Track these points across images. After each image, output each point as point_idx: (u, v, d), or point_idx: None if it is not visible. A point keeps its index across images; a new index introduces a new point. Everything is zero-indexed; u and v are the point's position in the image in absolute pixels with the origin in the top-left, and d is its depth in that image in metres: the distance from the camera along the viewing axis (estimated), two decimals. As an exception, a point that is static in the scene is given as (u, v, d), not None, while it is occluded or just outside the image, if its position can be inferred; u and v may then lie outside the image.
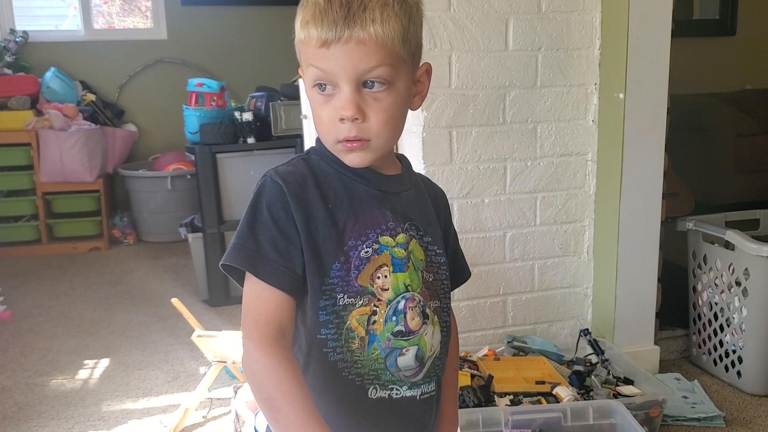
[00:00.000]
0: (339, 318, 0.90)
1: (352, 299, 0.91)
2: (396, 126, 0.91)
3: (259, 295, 0.88)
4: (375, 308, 0.92)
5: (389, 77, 0.87)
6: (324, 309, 0.90)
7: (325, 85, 0.88)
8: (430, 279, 0.98)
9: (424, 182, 1.06)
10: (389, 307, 0.92)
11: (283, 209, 0.88)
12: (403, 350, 0.93)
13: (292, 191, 0.89)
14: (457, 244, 1.11)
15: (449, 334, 1.02)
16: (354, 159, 0.91)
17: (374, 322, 0.92)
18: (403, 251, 0.94)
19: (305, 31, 0.86)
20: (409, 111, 0.95)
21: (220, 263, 0.90)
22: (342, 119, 0.87)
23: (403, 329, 0.93)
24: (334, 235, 0.90)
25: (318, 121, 0.90)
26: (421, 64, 0.94)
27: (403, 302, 0.93)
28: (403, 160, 1.03)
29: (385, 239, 0.93)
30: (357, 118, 0.87)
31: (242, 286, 0.90)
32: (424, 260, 0.97)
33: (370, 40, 0.84)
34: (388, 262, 0.93)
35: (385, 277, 0.92)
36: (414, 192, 1.01)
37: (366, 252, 0.91)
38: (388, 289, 0.92)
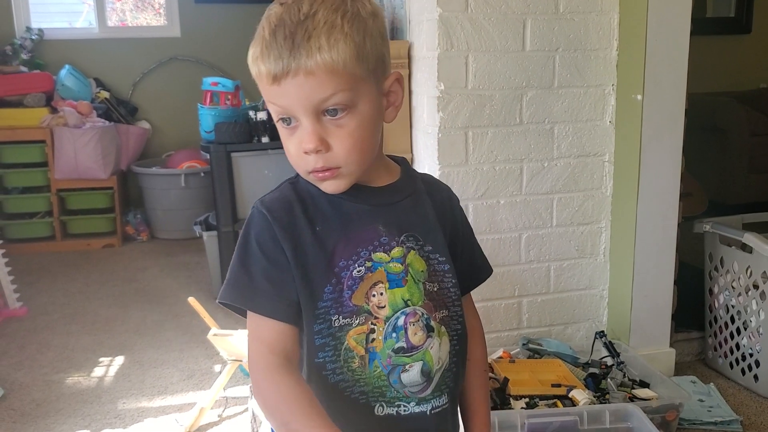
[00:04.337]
0: (336, 339, 0.89)
1: (348, 319, 0.89)
2: (365, 148, 0.87)
3: (260, 325, 0.88)
4: (373, 326, 0.90)
5: (348, 102, 0.83)
6: (319, 333, 0.89)
7: (288, 118, 0.85)
8: (435, 289, 0.95)
9: (426, 184, 1.02)
10: (388, 324, 0.90)
11: (271, 239, 0.88)
12: (407, 366, 0.91)
13: (277, 220, 0.88)
14: (473, 241, 1.06)
15: (462, 342, 0.99)
16: (329, 187, 0.88)
17: (373, 340, 0.90)
18: (399, 266, 0.92)
19: (256, 68, 0.84)
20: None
21: (217, 300, 0.91)
22: (306, 152, 0.85)
23: (405, 345, 0.91)
24: (323, 259, 0.89)
25: (287, 153, 0.88)
26: (389, 74, 0.90)
27: (402, 318, 0.91)
28: (402, 164, 1.00)
29: (379, 255, 0.91)
30: (320, 150, 0.84)
31: (245, 318, 0.91)
32: (426, 271, 0.94)
33: (318, 69, 0.80)
34: (383, 278, 0.90)
35: (381, 294, 0.90)
36: (412, 199, 0.97)
37: (358, 271, 0.90)
38: (384, 307, 0.90)
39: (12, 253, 3.36)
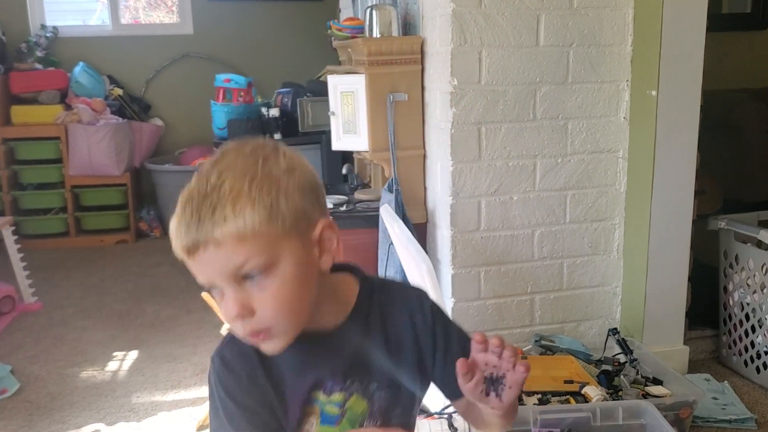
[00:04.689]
0: None
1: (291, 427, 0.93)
2: (293, 307, 0.84)
3: None
4: None
5: (264, 265, 0.81)
6: None
7: (215, 287, 0.85)
8: (377, 423, 0.95)
9: (383, 307, 0.96)
10: None
11: (240, 394, 0.90)
12: None
13: (237, 380, 0.91)
14: (452, 336, 0.98)
15: None
16: (267, 348, 0.87)
17: None
18: (336, 409, 0.93)
19: (173, 243, 0.83)
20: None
21: None
22: (231, 319, 0.84)
23: None
24: (278, 406, 0.91)
25: (223, 320, 0.90)
26: (315, 223, 0.86)
27: None
28: (362, 283, 0.96)
29: (318, 394, 0.92)
30: (244, 315, 0.82)
31: None
32: (367, 410, 0.95)
33: (225, 238, 0.79)
34: (317, 414, 0.92)
35: (312, 426, 0.93)
36: (362, 336, 0.94)
37: (296, 401, 0.92)
38: None
39: (27, 248, 3.39)
